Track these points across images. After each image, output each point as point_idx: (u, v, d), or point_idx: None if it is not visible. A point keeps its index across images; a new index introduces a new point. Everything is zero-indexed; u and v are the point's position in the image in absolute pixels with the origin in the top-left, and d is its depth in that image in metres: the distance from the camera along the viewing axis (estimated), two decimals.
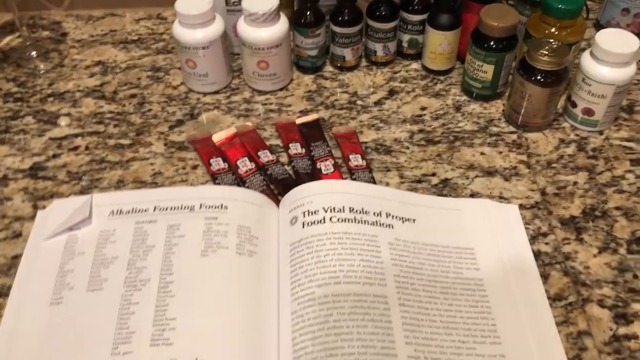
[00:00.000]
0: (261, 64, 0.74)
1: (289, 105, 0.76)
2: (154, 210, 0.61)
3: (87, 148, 0.71)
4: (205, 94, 0.78)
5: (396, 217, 0.60)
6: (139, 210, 0.61)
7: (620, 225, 0.62)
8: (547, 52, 0.65)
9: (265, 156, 0.68)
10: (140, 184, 0.67)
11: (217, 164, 0.68)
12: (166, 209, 0.61)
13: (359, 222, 0.58)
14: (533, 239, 0.61)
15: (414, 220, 0.61)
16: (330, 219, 0.58)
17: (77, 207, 0.61)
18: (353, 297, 0.52)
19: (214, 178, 0.67)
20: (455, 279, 0.56)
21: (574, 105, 0.71)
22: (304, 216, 0.59)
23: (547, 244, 0.61)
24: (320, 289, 0.53)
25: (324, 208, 0.59)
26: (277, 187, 0.66)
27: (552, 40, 0.66)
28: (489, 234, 0.60)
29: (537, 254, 0.59)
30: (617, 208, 0.64)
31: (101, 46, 0.87)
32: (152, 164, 0.69)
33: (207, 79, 0.76)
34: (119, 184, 0.67)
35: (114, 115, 0.75)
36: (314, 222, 0.58)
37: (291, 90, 0.78)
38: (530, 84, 0.67)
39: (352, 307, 0.52)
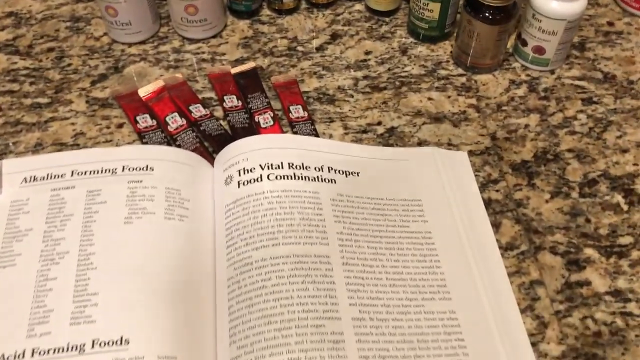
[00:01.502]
0: (189, 9, 0.68)
1: (223, 54, 0.70)
2: (72, 175, 0.55)
3: (0, 109, 0.65)
4: (130, 45, 0.71)
5: (339, 171, 0.56)
6: (55, 176, 0.55)
7: (572, 168, 0.59)
8: None
9: (197, 111, 0.63)
10: (60, 146, 0.61)
11: (144, 121, 0.62)
12: (85, 173, 0.55)
13: (298, 179, 0.54)
14: (483, 187, 0.58)
15: (357, 173, 0.57)
16: (268, 176, 0.54)
17: None
18: (293, 258, 0.48)
19: (142, 137, 0.61)
20: (402, 233, 0.53)
21: (525, 43, 0.67)
22: (240, 175, 0.54)
23: (497, 191, 0.58)
24: (257, 252, 0.49)
25: (260, 165, 0.55)
26: (212, 144, 0.61)
27: None
28: (437, 183, 0.57)
29: (487, 203, 0.56)
30: (569, 150, 0.61)
31: None
32: (73, 124, 0.63)
33: (131, 28, 0.69)
34: (37, 147, 0.61)
35: (30, 72, 0.68)
36: (250, 180, 0.54)
37: (225, 37, 0.72)
38: (478, 21, 0.63)
39: (292, 270, 0.48)
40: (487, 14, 0.62)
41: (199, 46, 0.71)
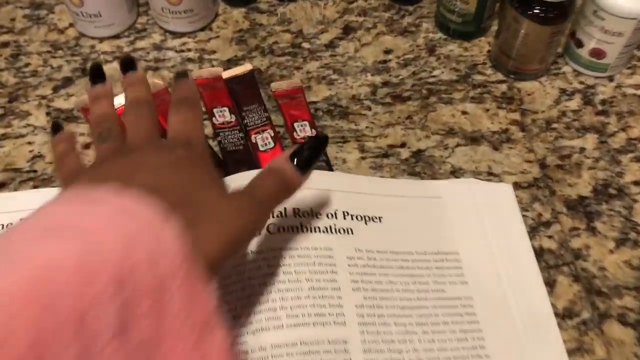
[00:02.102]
0: None
1: (213, 52, 0.58)
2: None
3: None
4: (101, 40, 0.59)
5: (357, 216, 0.45)
6: None
7: None
8: None
9: None
10: (14, 173, 0.50)
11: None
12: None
13: (307, 231, 0.43)
14: (533, 231, 0.47)
15: (380, 218, 0.46)
16: (268, 227, 0.43)
17: None
18: (301, 347, 0.38)
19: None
20: (437, 301, 0.42)
21: (580, 44, 0.55)
22: None
23: (550, 237, 0.47)
24: (254, 337, 0.38)
25: None
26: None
27: None
28: (478, 229, 0.46)
29: (538, 253, 0.46)
30: (636, 183, 0.50)
31: None
32: (30, 142, 0.52)
33: (101, 20, 0.57)
34: None
35: None
36: None
37: (216, 30, 0.60)
38: (527, 19, 0.51)
39: None
40: (538, 11, 0.50)
41: (184, 41, 0.59)
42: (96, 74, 0.44)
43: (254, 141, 0.51)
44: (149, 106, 0.40)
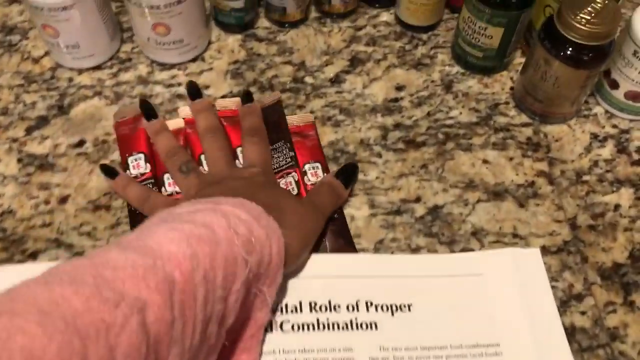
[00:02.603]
0: (159, 29, 0.49)
1: (206, 87, 0.52)
2: None
3: None
4: (80, 71, 0.53)
5: (383, 306, 0.39)
6: None
7: None
8: (588, 16, 0.43)
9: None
10: None
11: (137, 165, 0.46)
12: None
13: (324, 328, 0.38)
14: (563, 305, 0.42)
15: (409, 306, 0.40)
16: (281, 325, 0.38)
17: None
18: None
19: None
20: None
21: (615, 85, 0.49)
22: None
23: (583, 313, 0.42)
24: None
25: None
26: None
27: None
28: (519, 310, 0.40)
29: (570, 332, 0.41)
30: None
31: None
32: None
33: (79, 51, 0.51)
34: None
35: None
36: None
37: (209, 60, 0.54)
38: (559, 61, 0.45)
39: None
40: (572, 53, 0.45)
41: (173, 74, 0.53)
42: (148, 109, 0.47)
43: None
44: (221, 132, 0.47)
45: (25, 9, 0.51)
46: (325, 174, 0.47)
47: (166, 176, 0.46)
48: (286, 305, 0.38)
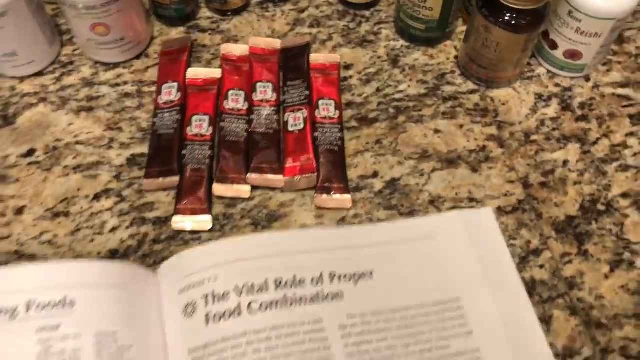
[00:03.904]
0: (98, 28, 0.49)
1: (154, 83, 0.52)
2: None
3: None
4: (22, 79, 0.52)
5: (345, 276, 0.41)
6: None
7: (632, 222, 0.46)
8: None
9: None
10: None
11: (168, 92, 0.50)
12: None
13: (292, 304, 0.39)
14: (523, 262, 0.44)
15: (370, 273, 0.41)
16: (250, 305, 0.38)
17: None
18: None
19: (154, 113, 0.49)
20: (443, 359, 0.38)
21: (554, 46, 0.51)
22: (207, 303, 0.38)
23: (541, 267, 0.44)
24: None
25: (236, 288, 0.39)
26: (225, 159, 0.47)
27: None
28: (473, 266, 0.42)
29: (530, 286, 0.43)
30: (625, 195, 0.47)
31: None
32: None
33: (18, 59, 0.50)
34: None
35: None
36: (224, 313, 0.38)
37: (153, 56, 0.53)
38: (498, 28, 0.47)
39: None
40: (509, 18, 0.46)
41: (119, 73, 0.52)
42: None
43: (286, 119, 0.48)
44: None
45: None
46: (336, 111, 0.49)
47: (194, 118, 0.48)
48: (252, 285, 0.39)
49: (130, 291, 0.39)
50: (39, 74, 0.52)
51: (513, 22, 0.46)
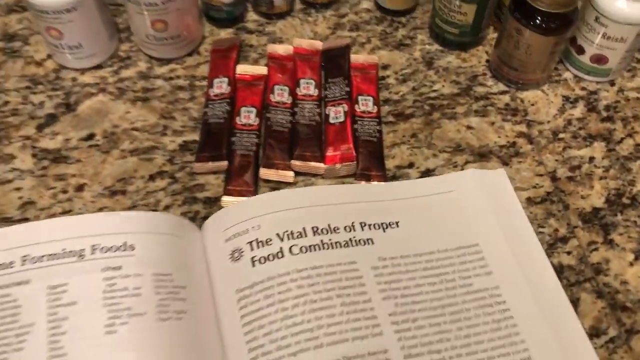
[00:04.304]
0: (157, 25, 0.53)
1: (204, 78, 0.56)
2: (23, 263, 0.41)
3: None
4: (83, 71, 0.56)
5: (374, 225, 0.45)
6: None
7: None
8: None
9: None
10: (4, 222, 0.47)
11: (219, 86, 0.53)
12: (41, 258, 0.41)
13: (328, 247, 0.43)
14: (550, 248, 0.46)
15: (397, 223, 0.45)
16: (291, 249, 0.42)
17: None
18: None
19: (206, 104, 0.53)
20: (466, 295, 0.42)
21: (581, 51, 0.54)
22: (252, 248, 0.42)
23: (569, 253, 0.46)
24: (296, 358, 0.37)
25: (278, 235, 0.43)
26: (271, 146, 0.50)
27: None
28: (490, 216, 0.46)
29: (559, 270, 0.45)
30: None
31: None
32: (17, 189, 0.48)
33: (82, 51, 0.54)
34: None
35: None
36: (268, 256, 0.42)
37: (204, 54, 0.57)
38: (529, 30, 0.50)
39: None
40: (541, 22, 0.49)
41: (172, 68, 0.56)
42: None
43: (327, 113, 0.52)
44: None
45: (30, 13, 0.54)
46: (374, 106, 0.52)
47: (243, 109, 0.52)
48: (292, 232, 0.43)
49: (181, 240, 0.43)
50: (99, 66, 0.56)
51: (543, 25, 0.49)
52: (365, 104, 0.52)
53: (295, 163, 0.49)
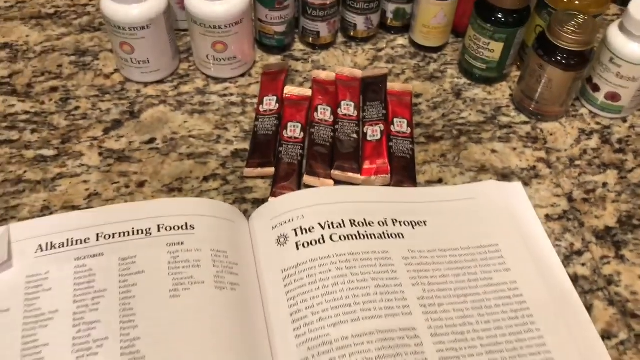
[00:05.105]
0: (217, 46, 0.59)
1: (254, 96, 0.62)
2: (97, 239, 0.47)
3: None
4: (146, 84, 0.62)
5: (405, 222, 0.50)
6: (77, 242, 0.47)
7: None
8: (573, 28, 0.54)
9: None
10: (72, 210, 0.52)
11: (269, 103, 0.60)
12: (113, 236, 0.47)
13: (364, 237, 0.48)
14: (567, 260, 0.50)
15: (424, 222, 0.50)
16: (331, 237, 0.47)
17: None
18: (377, 335, 0.42)
19: (256, 118, 0.59)
20: (487, 287, 0.47)
21: (596, 88, 0.60)
22: (297, 235, 0.47)
23: (583, 265, 0.50)
24: (335, 329, 0.42)
25: (320, 224, 0.48)
26: (314, 157, 0.56)
27: (578, 13, 0.55)
28: (508, 220, 0.52)
29: (574, 279, 0.49)
30: None
31: (6, 23, 0.68)
32: (85, 181, 0.54)
33: (149, 66, 0.60)
34: (44, 213, 0.52)
35: (31, 117, 0.59)
36: (311, 242, 0.47)
37: (255, 76, 0.64)
38: (551, 66, 0.56)
39: (379, 349, 0.41)
40: (561, 58, 0.55)
41: (226, 86, 0.63)
42: None
43: (365, 131, 0.57)
44: None
45: (107, 30, 0.60)
46: (408, 127, 0.58)
47: (290, 124, 0.57)
48: (332, 223, 0.48)
49: (234, 224, 0.49)
50: (161, 81, 0.62)
51: (564, 62, 0.55)
52: (400, 125, 0.58)
53: (335, 173, 0.55)
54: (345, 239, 0.47)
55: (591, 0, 0.58)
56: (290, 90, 0.61)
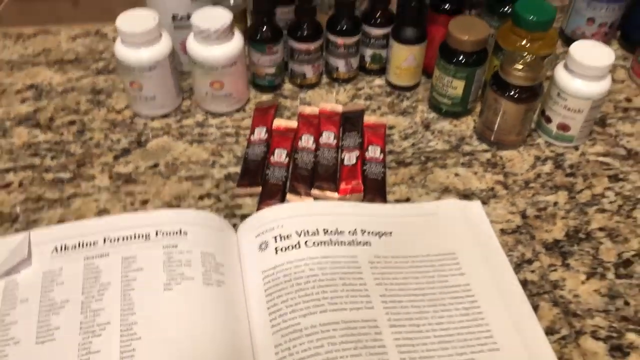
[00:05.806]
0: (215, 84, 0.68)
1: (247, 128, 0.70)
2: (104, 242, 0.54)
3: (20, 184, 0.63)
4: (153, 119, 0.71)
5: (372, 232, 0.57)
6: (87, 244, 0.54)
7: (605, 248, 0.59)
8: (521, 67, 0.62)
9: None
10: None
11: (259, 134, 0.68)
12: (117, 239, 0.55)
13: (335, 244, 0.55)
14: (518, 267, 0.57)
15: (390, 233, 0.57)
16: (306, 243, 0.54)
17: (13, 248, 0.53)
18: (342, 324, 0.48)
19: (247, 145, 0.67)
20: (442, 288, 0.53)
21: (549, 120, 0.67)
22: (276, 241, 0.55)
23: (533, 272, 0.57)
24: (305, 319, 0.49)
25: (296, 232, 0.55)
26: (296, 179, 0.63)
27: (526, 54, 0.63)
28: (465, 233, 0.58)
29: (523, 284, 0.55)
30: (601, 229, 0.60)
31: (33, 67, 0.78)
32: (96, 200, 0.62)
33: (155, 102, 0.69)
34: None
35: (51, 146, 0.68)
36: (288, 247, 0.54)
37: (248, 111, 0.72)
38: (505, 100, 0.64)
39: (343, 336, 0.48)
40: (513, 93, 0.63)
41: (222, 120, 0.71)
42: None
43: (342, 157, 0.65)
44: None
45: (119, 70, 0.69)
46: (381, 154, 0.66)
47: (277, 151, 0.65)
48: (307, 231, 0.55)
49: (223, 233, 0.57)
50: (165, 116, 0.71)
51: (516, 96, 0.63)
52: (374, 152, 0.66)
53: (314, 192, 0.62)
54: (318, 244, 0.54)
55: (540, 43, 0.66)
56: (278, 122, 0.69)
